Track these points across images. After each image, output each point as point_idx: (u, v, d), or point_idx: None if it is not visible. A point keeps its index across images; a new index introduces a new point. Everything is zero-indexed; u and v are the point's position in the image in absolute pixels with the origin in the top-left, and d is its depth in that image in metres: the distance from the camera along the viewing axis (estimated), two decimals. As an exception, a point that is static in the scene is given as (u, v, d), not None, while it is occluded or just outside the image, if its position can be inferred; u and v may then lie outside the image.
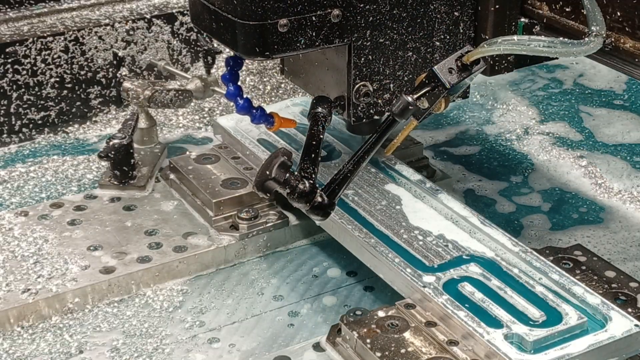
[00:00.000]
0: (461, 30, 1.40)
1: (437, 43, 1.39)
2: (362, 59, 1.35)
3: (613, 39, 1.24)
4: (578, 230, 1.56)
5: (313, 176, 1.24)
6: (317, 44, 1.29)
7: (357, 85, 1.36)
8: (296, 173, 1.23)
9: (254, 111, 1.40)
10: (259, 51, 1.26)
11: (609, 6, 1.22)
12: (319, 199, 1.23)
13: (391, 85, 1.39)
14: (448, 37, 1.40)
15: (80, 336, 1.33)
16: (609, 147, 1.82)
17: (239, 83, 1.39)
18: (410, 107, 1.23)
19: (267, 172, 1.21)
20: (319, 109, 1.35)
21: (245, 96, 1.38)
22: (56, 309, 1.36)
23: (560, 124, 1.91)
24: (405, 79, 1.39)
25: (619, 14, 1.22)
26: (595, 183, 1.70)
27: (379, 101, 1.39)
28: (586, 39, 1.17)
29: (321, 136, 1.31)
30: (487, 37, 1.39)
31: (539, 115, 1.94)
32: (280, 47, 1.26)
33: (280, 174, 1.21)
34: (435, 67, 1.23)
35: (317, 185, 1.24)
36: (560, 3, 1.31)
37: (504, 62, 1.42)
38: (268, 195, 1.24)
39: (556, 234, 1.56)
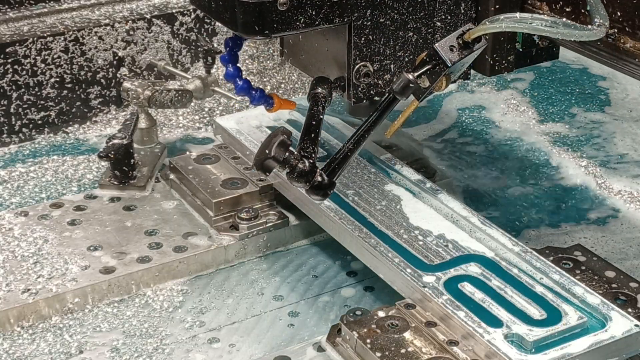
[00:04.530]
0: (462, 11, 1.39)
1: (438, 23, 1.38)
2: (363, 39, 1.34)
3: (613, 39, 1.24)
4: (578, 230, 1.56)
5: (313, 155, 1.22)
6: (317, 23, 1.27)
7: (357, 66, 1.35)
8: (296, 152, 1.22)
9: (253, 92, 1.38)
10: (259, 30, 1.25)
11: (609, 6, 1.22)
12: (319, 179, 1.21)
13: (392, 65, 1.37)
14: (449, 17, 1.39)
15: (80, 336, 1.33)
16: (609, 147, 1.82)
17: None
18: (410, 85, 1.22)
19: (267, 151, 1.19)
20: (319, 90, 1.33)
21: (244, 77, 1.37)
22: (56, 309, 1.36)
23: (560, 124, 1.91)
24: (406, 59, 1.38)
25: (619, 14, 1.22)
26: (596, 183, 1.70)
27: (380, 82, 1.38)
28: (589, 26, 1.16)
29: (321, 116, 1.29)
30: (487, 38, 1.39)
31: (539, 115, 1.94)
32: (280, 26, 1.25)
33: (280, 152, 1.19)
34: (437, 44, 1.22)
35: (317, 165, 1.23)
36: (561, 3, 1.31)
37: (504, 62, 1.42)
38: (267, 174, 1.23)
39: (556, 234, 1.56)
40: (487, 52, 1.38)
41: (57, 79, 1.83)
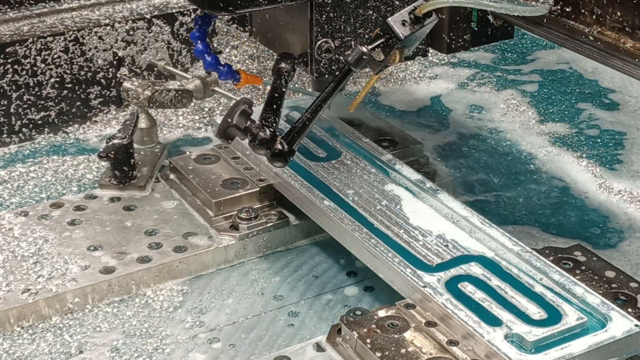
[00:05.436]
0: None
1: (397, 2, 1.41)
2: (324, 16, 1.37)
3: (613, 39, 1.24)
4: (578, 230, 1.56)
5: (274, 125, 1.29)
6: (279, 0, 1.31)
7: (319, 42, 1.39)
8: (257, 122, 1.28)
9: (221, 67, 1.44)
10: (223, 6, 1.29)
11: (609, 6, 1.22)
12: (279, 147, 1.28)
13: (352, 42, 1.41)
14: None
15: (80, 336, 1.33)
16: (609, 147, 1.82)
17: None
18: (364, 57, 1.26)
19: (229, 120, 1.26)
20: (282, 65, 1.40)
21: (212, 53, 1.43)
22: (56, 309, 1.36)
23: (560, 124, 1.91)
24: (366, 36, 1.42)
25: (619, 14, 1.22)
26: (596, 183, 1.70)
27: (341, 57, 1.41)
28: (533, 2, 1.20)
29: (284, 89, 1.36)
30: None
31: (539, 115, 1.94)
32: (244, 3, 1.29)
33: (241, 121, 1.26)
34: (389, 19, 1.26)
35: (278, 134, 1.28)
36: (561, 3, 1.31)
37: (460, 40, 1.45)
38: (230, 142, 1.30)
39: (556, 234, 1.56)
40: (444, 31, 1.43)
41: (57, 79, 1.83)
